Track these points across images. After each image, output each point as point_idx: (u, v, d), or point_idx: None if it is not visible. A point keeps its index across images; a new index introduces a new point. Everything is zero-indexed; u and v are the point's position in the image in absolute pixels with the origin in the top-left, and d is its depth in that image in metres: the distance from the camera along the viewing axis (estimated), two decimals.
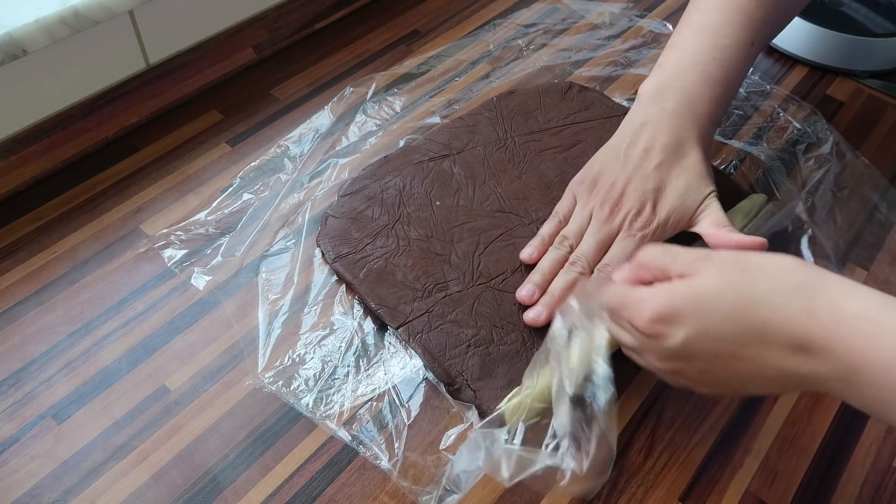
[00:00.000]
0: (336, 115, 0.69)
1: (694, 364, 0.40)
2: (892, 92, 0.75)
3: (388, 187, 0.62)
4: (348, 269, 0.56)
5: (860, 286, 0.37)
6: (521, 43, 0.79)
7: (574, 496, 0.47)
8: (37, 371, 0.51)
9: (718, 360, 0.39)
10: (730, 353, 0.39)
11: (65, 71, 0.62)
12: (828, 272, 0.38)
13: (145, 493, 0.46)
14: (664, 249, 0.43)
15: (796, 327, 0.36)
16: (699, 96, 0.53)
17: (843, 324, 0.35)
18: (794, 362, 0.37)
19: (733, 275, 0.39)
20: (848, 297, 0.36)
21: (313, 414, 0.49)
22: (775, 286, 0.37)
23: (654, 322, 0.40)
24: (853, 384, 0.35)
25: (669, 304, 0.40)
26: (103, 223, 0.61)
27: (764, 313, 0.37)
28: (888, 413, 0.35)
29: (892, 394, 0.34)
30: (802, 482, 0.48)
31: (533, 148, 0.66)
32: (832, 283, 0.37)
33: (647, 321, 0.40)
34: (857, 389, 0.35)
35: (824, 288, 0.37)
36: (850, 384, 0.35)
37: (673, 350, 0.40)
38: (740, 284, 0.38)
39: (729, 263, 0.40)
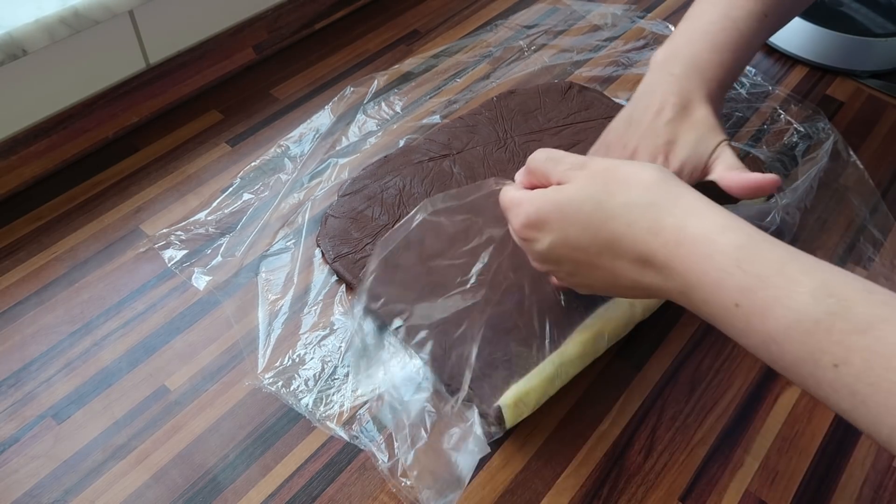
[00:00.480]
0: (336, 114, 0.70)
1: (562, 267, 0.44)
2: (892, 92, 0.75)
3: (388, 187, 0.62)
4: (348, 268, 0.56)
5: (710, 206, 0.38)
6: (521, 43, 0.79)
7: (576, 493, 0.47)
8: (37, 371, 0.52)
9: (580, 266, 0.42)
10: (588, 261, 0.41)
11: (65, 71, 0.62)
12: (685, 189, 0.39)
13: (145, 493, 0.46)
14: (548, 155, 0.44)
15: (641, 245, 0.38)
16: (707, 62, 0.53)
17: (684, 244, 0.37)
18: (641, 275, 0.39)
19: (596, 186, 0.41)
20: (692, 217, 0.38)
21: (313, 414, 0.49)
22: (629, 201, 0.39)
23: (524, 227, 0.43)
24: (690, 299, 0.38)
25: (537, 211, 0.42)
26: (103, 223, 0.61)
27: (614, 227, 0.39)
28: (720, 326, 0.37)
29: (721, 310, 0.36)
30: (802, 482, 0.48)
31: (533, 148, 0.65)
32: (683, 201, 0.39)
33: (518, 226, 0.44)
34: (694, 304, 0.38)
35: (673, 207, 0.38)
36: (688, 299, 0.38)
37: (542, 254, 0.43)
38: (599, 196, 0.40)
39: (597, 174, 0.42)
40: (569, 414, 0.51)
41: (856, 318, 0.32)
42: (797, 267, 0.35)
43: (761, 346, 0.35)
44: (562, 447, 0.49)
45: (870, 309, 0.32)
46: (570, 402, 0.51)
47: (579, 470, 0.48)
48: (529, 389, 0.48)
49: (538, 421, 0.50)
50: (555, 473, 0.48)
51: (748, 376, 0.53)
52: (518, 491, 0.47)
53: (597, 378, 0.52)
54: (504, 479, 0.47)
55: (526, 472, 0.48)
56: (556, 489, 0.47)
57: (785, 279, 0.34)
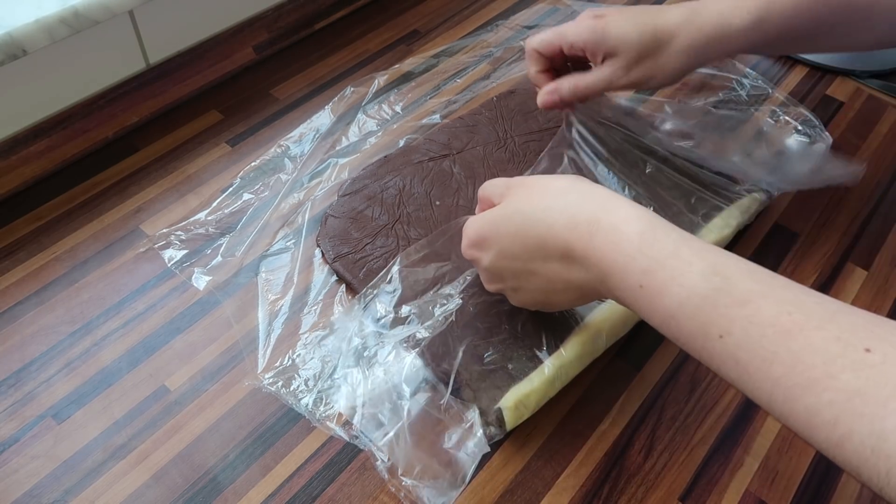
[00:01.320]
0: (336, 114, 0.70)
1: (507, 283, 0.47)
2: (892, 92, 0.75)
3: (388, 187, 0.62)
4: (348, 268, 0.56)
5: (618, 200, 0.41)
6: (521, 43, 0.79)
7: (576, 493, 0.47)
8: (37, 371, 0.51)
9: (520, 277, 0.45)
10: (524, 269, 0.44)
11: (65, 71, 0.62)
12: (598, 189, 0.43)
13: (145, 493, 0.46)
14: (489, 182, 0.48)
15: (561, 242, 0.42)
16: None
17: (596, 235, 0.40)
18: (568, 271, 0.42)
19: (520, 198, 0.45)
20: (602, 211, 0.41)
21: (313, 414, 0.49)
22: (548, 205, 0.43)
23: (468, 248, 0.47)
24: (607, 286, 0.40)
25: (477, 231, 0.46)
26: (103, 223, 0.61)
27: (539, 230, 0.43)
28: (632, 307, 0.40)
29: (629, 292, 0.39)
30: (802, 482, 0.48)
31: (533, 148, 0.66)
32: (595, 198, 0.42)
33: (464, 248, 0.48)
34: (611, 291, 0.41)
35: (585, 204, 0.42)
36: (606, 287, 0.41)
37: (487, 270, 0.47)
38: (523, 206, 0.44)
39: (520, 188, 0.45)
40: (569, 414, 0.51)
41: (737, 293, 0.35)
42: (689, 250, 0.38)
43: (663, 324, 0.38)
44: (562, 447, 0.49)
45: (749, 285, 0.35)
46: (570, 402, 0.51)
47: (579, 470, 0.48)
48: (530, 392, 0.48)
49: (538, 421, 0.50)
50: (555, 473, 0.48)
51: None
52: (518, 491, 0.47)
53: (597, 378, 0.52)
54: (504, 479, 0.47)
55: (526, 472, 0.48)
56: (556, 489, 0.47)
57: (679, 261, 0.37)
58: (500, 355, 0.51)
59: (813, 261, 0.60)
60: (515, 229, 0.44)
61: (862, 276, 0.60)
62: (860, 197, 0.65)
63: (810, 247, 0.61)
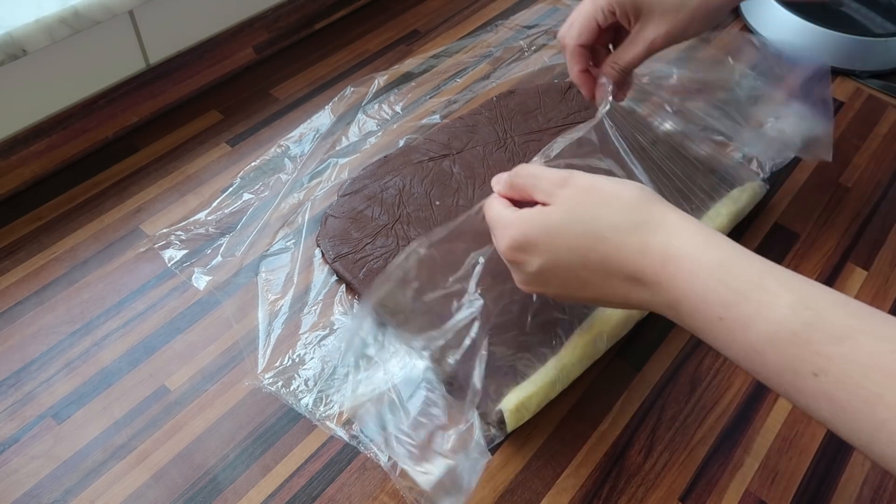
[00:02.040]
0: (336, 114, 0.69)
1: (550, 288, 0.44)
2: (892, 92, 0.75)
3: (388, 187, 0.62)
4: (348, 268, 0.56)
5: (692, 224, 0.40)
6: (521, 43, 0.79)
7: (576, 493, 0.47)
8: (37, 371, 0.51)
9: (570, 287, 0.43)
10: (578, 280, 0.42)
11: (65, 71, 0.62)
12: (670, 209, 0.41)
13: (145, 493, 0.46)
14: (530, 171, 0.45)
15: (631, 265, 0.40)
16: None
17: (669, 262, 0.38)
18: (631, 291, 0.41)
19: (582, 208, 0.42)
20: (677, 237, 0.39)
21: (312, 414, 0.49)
22: (617, 224, 0.41)
23: (511, 250, 0.44)
24: (678, 313, 0.39)
25: (524, 234, 0.43)
26: (103, 223, 0.61)
27: (604, 249, 0.41)
28: (706, 338, 0.38)
29: (706, 323, 0.37)
30: (802, 482, 0.48)
31: (533, 148, 0.66)
32: (667, 221, 0.40)
33: (505, 248, 0.44)
34: (681, 317, 0.39)
35: (658, 227, 0.40)
36: (676, 312, 0.39)
37: (530, 275, 0.44)
38: (585, 219, 0.41)
39: (582, 194, 0.42)
40: (569, 414, 0.51)
41: (831, 328, 0.33)
42: (775, 281, 0.36)
43: (745, 358, 0.36)
44: (562, 447, 0.49)
45: (844, 320, 0.34)
46: (570, 402, 0.51)
47: (579, 470, 0.48)
48: (531, 394, 0.48)
49: (538, 421, 0.50)
50: (555, 473, 0.48)
51: (748, 376, 0.53)
52: (518, 491, 0.47)
53: (597, 378, 0.52)
54: (504, 479, 0.47)
55: (526, 472, 0.48)
56: (556, 489, 0.47)
57: (764, 293, 0.36)
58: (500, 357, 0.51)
59: (813, 261, 0.60)
60: (575, 242, 0.41)
61: (862, 276, 0.60)
62: (860, 197, 0.65)
63: (810, 247, 0.61)
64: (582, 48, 0.55)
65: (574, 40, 0.55)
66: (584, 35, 0.54)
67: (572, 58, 0.56)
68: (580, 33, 0.54)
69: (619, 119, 0.61)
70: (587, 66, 0.56)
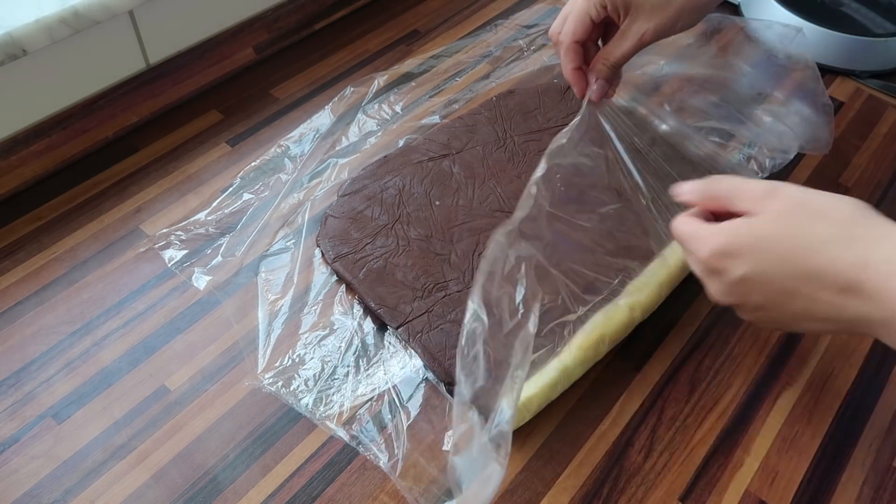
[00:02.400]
0: (336, 115, 0.69)
1: (751, 299, 0.43)
2: (892, 92, 0.75)
3: (388, 187, 0.62)
4: (348, 268, 0.56)
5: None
6: (521, 43, 0.79)
7: (576, 493, 0.47)
8: (37, 371, 0.51)
9: (774, 299, 0.42)
10: (784, 290, 0.41)
11: (65, 71, 0.62)
12: (888, 222, 0.40)
13: (145, 493, 0.46)
14: (732, 182, 0.44)
15: (846, 276, 0.38)
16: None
17: (894, 277, 0.37)
18: (843, 303, 0.39)
19: (794, 220, 0.41)
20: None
21: (313, 414, 0.49)
22: (831, 237, 0.39)
23: (715, 256, 0.42)
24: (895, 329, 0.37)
25: (730, 242, 0.42)
26: (103, 223, 0.61)
27: (817, 261, 0.39)
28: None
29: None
30: (802, 482, 0.48)
31: (532, 148, 0.66)
32: (891, 235, 0.39)
33: (708, 255, 0.43)
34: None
35: (880, 242, 0.38)
36: (892, 327, 0.38)
37: (732, 284, 0.42)
38: (797, 232, 0.40)
39: (792, 206, 0.41)
40: (569, 414, 0.51)
41: None
42: None
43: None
44: (562, 447, 0.49)
45: None
46: (570, 402, 0.51)
47: (579, 470, 0.48)
48: (532, 395, 0.48)
49: (538, 421, 0.50)
50: (555, 473, 0.48)
51: (748, 376, 0.53)
52: (518, 491, 0.47)
53: (597, 378, 0.52)
54: (504, 479, 0.47)
55: (526, 472, 0.48)
56: (556, 489, 0.47)
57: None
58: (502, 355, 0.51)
59: None
60: (785, 253, 0.40)
61: None
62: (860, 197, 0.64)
63: None
64: (576, 45, 0.55)
65: (569, 37, 0.54)
66: (578, 31, 0.54)
67: (567, 55, 0.55)
68: (575, 29, 0.54)
69: (617, 119, 0.61)
70: (580, 64, 0.56)
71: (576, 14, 0.54)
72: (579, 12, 0.54)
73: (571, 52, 0.55)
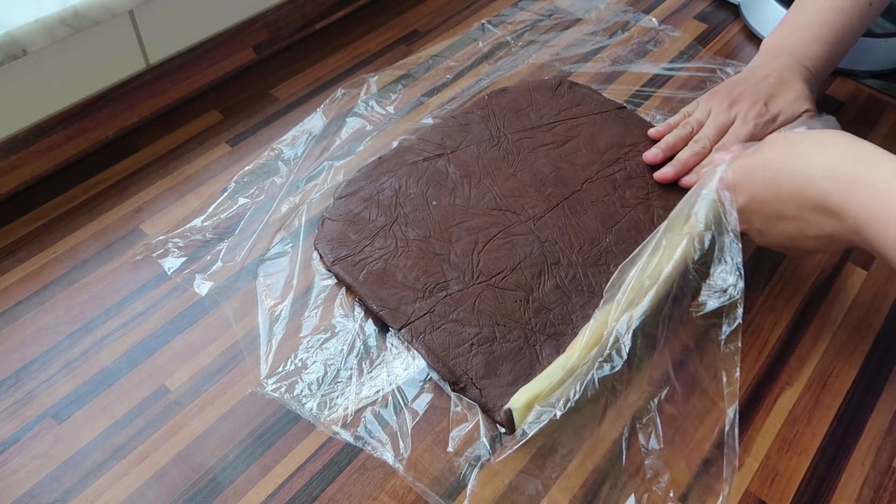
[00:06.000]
0: (328, 117, 0.69)
1: (753, 224, 0.50)
2: (892, 92, 0.75)
3: (384, 188, 0.62)
4: (348, 271, 0.56)
5: (882, 154, 0.43)
6: (518, 42, 0.79)
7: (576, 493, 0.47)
8: (37, 371, 0.51)
9: (769, 220, 0.48)
10: (775, 214, 0.48)
11: (65, 71, 0.62)
12: (860, 142, 0.44)
13: (145, 493, 0.46)
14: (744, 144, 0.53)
15: (818, 191, 0.43)
16: (808, 53, 0.63)
17: (858, 187, 0.41)
18: (822, 221, 0.44)
19: (780, 148, 0.48)
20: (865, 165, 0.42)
21: (317, 418, 0.49)
22: (807, 156, 0.45)
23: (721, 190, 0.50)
24: (865, 238, 0.42)
25: (732, 175, 0.50)
26: (103, 223, 0.61)
27: (795, 180, 0.45)
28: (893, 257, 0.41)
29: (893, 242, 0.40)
30: (802, 482, 0.48)
31: (526, 145, 0.66)
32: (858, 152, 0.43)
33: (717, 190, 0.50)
34: (869, 243, 0.42)
35: (848, 157, 0.43)
36: (862, 238, 0.42)
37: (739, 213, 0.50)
38: (782, 156, 0.47)
39: (782, 139, 0.49)
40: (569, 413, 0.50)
41: None
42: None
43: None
44: (562, 447, 0.49)
45: None
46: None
47: (579, 470, 0.48)
48: (539, 393, 0.48)
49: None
50: (555, 473, 0.48)
51: (748, 376, 0.53)
52: (518, 491, 0.47)
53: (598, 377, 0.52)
54: (504, 479, 0.47)
55: (526, 472, 0.48)
56: (556, 489, 0.47)
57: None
58: (504, 353, 0.51)
59: (813, 261, 0.60)
60: (770, 176, 0.47)
61: (862, 276, 0.60)
62: None
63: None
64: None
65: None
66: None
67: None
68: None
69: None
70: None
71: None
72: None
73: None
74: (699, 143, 0.63)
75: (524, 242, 0.58)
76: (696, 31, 0.82)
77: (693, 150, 0.62)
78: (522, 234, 0.58)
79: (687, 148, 0.63)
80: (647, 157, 0.64)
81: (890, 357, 0.55)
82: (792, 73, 0.62)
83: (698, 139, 0.63)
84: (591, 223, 0.60)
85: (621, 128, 0.68)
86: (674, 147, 0.64)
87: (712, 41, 0.80)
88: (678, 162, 0.62)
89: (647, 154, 0.64)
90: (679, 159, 0.62)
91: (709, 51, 0.79)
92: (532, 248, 0.58)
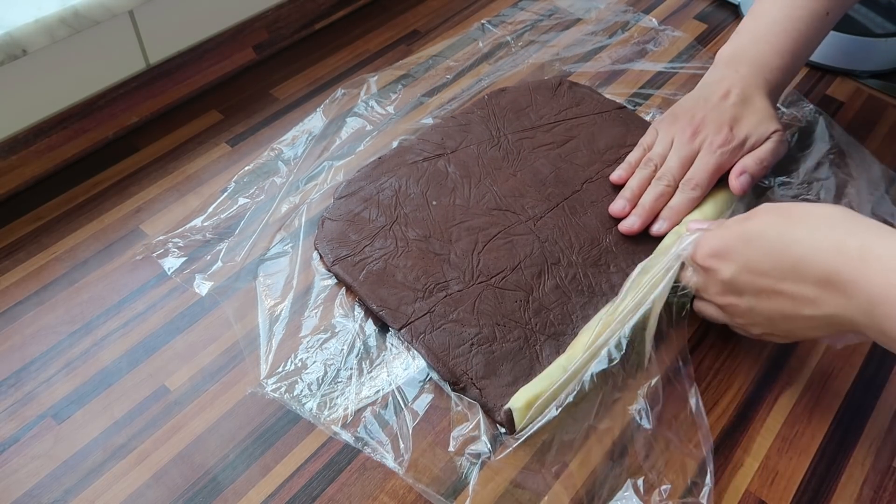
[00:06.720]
0: (328, 117, 0.69)
1: (743, 299, 0.46)
2: (892, 92, 0.75)
3: (384, 188, 0.62)
4: (348, 271, 0.56)
5: (891, 230, 0.40)
6: (518, 42, 0.79)
7: (578, 489, 0.47)
8: (37, 371, 0.51)
9: (762, 295, 0.45)
10: (770, 287, 0.44)
11: (65, 71, 0.62)
12: (866, 220, 0.42)
13: (145, 493, 0.46)
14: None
15: (824, 265, 0.41)
16: (768, 66, 0.60)
17: (869, 262, 0.39)
18: (823, 298, 0.41)
19: (779, 217, 0.45)
20: (876, 238, 0.40)
21: (317, 418, 0.49)
22: (812, 228, 0.42)
23: (709, 257, 0.47)
24: (876, 317, 0.39)
25: (722, 242, 0.47)
26: (103, 223, 0.61)
27: (798, 251, 0.42)
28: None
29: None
30: (802, 482, 0.48)
31: (526, 145, 0.66)
32: (865, 225, 0.41)
33: (703, 256, 0.48)
34: (880, 322, 0.39)
35: (857, 230, 0.41)
36: (872, 318, 0.39)
37: (725, 282, 0.47)
38: (782, 226, 0.44)
39: (777, 210, 0.46)
40: (569, 413, 0.50)
41: None
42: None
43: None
44: (562, 447, 0.49)
45: None
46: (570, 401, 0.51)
47: (579, 470, 0.48)
48: (540, 393, 0.48)
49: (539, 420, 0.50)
50: (555, 473, 0.48)
51: (748, 376, 0.53)
52: (518, 491, 0.47)
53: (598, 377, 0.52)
54: (504, 479, 0.47)
55: (526, 472, 0.48)
56: (557, 489, 0.47)
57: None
58: (504, 353, 0.51)
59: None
60: (769, 246, 0.44)
61: None
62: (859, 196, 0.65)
63: None
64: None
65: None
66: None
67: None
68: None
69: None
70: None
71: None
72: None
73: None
74: (663, 179, 0.59)
75: (524, 242, 0.58)
76: (696, 31, 0.82)
77: (657, 190, 0.58)
78: (522, 234, 0.58)
79: (650, 189, 0.59)
80: (613, 211, 0.59)
81: (890, 357, 0.55)
82: (753, 88, 0.59)
83: (662, 175, 0.59)
84: (592, 223, 0.60)
85: (621, 128, 0.68)
86: (639, 194, 0.59)
87: (712, 41, 0.80)
88: (642, 208, 0.58)
89: (612, 207, 0.59)
90: (643, 204, 0.58)
91: (709, 51, 0.79)
92: (532, 248, 0.58)
